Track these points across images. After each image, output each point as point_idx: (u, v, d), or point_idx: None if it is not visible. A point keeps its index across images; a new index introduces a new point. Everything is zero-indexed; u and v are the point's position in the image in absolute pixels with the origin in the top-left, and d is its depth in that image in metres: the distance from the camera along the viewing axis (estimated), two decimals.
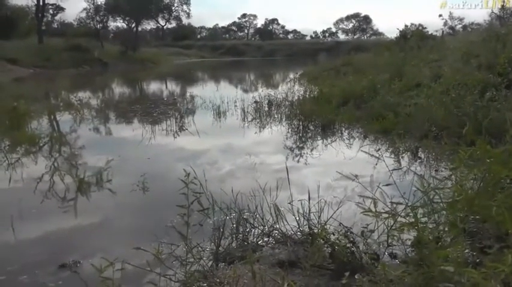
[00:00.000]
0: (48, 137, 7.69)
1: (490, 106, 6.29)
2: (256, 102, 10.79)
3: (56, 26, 56.25)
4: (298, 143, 7.27)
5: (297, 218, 3.44)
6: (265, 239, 3.37)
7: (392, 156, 6.12)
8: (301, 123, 8.53)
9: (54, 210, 4.39)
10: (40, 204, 4.52)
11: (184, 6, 61.86)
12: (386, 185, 3.07)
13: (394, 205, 2.75)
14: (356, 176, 3.43)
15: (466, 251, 2.66)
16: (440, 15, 46.61)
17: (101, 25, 47.03)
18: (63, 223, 4.12)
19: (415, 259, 2.60)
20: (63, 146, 7.31)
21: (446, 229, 2.87)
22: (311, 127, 8.32)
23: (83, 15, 47.09)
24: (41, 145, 7.13)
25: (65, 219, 4.19)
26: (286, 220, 3.45)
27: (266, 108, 10.33)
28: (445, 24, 44.79)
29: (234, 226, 3.49)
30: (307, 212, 3.39)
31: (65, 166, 5.96)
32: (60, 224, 4.09)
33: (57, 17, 58.13)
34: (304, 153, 6.59)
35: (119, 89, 20.21)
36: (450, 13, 47.80)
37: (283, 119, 9.28)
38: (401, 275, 2.36)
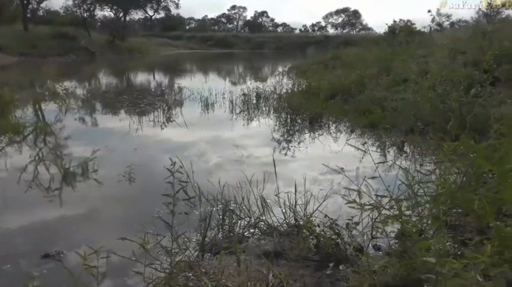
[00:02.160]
0: (33, 127, 7.58)
1: (474, 102, 6.38)
2: (244, 94, 10.76)
3: (41, 14, 55.12)
4: (285, 136, 7.29)
5: (283, 210, 3.47)
6: (251, 230, 3.39)
7: (379, 150, 6.18)
8: (289, 116, 8.55)
9: (38, 200, 4.34)
10: (24, 194, 4.47)
11: None
12: (372, 178, 3.10)
13: (379, 198, 2.79)
14: (342, 169, 3.46)
15: (448, 243, 2.71)
16: (429, 11, 46.94)
17: (87, 14, 46.25)
18: (47, 213, 4.08)
19: (399, 251, 2.65)
20: (48, 136, 7.21)
21: (429, 221, 2.92)
22: (299, 120, 8.34)
23: (70, 3, 46.28)
24: (26, 134, 7.03)
25: (49, 209, 4.15)
26: (272, 212, 3.47)
27: (254, 101, 10.32)
28: (433, 20, 45.04)
29: (221, 217, 3.49)
30: (294, 204, 3.42)
31: (50, 156, 5.90)
32: (44, 214, 4.05)
33: (42, 5, 56.83)
34: (291, 146, 6.62)
35: (105, 79, 19.96)
36: (438, 9, 48.07)
37: (271, 112, 9.29)
38: (384, 266, 2.40)
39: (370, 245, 3.02)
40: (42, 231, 3.73)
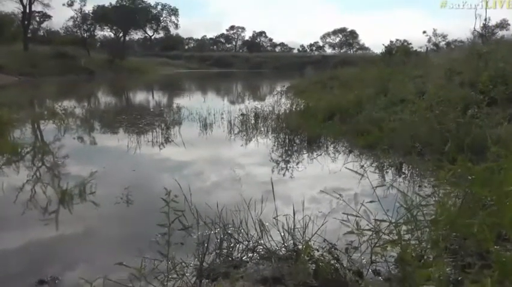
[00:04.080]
0: (31, 147, 7.59)
1: (472, 123, 6.41)
2: (242, 114, 10.81)
3: (42, 34, 55.73)
4: (284, 157, 7.29)
5: (282, 233, 3.44)
6: (249, 254, 3.35)
7: (377, 171, 6.18)
8: (287, 136, 8.56)
9: (34, 222, 4.30)
10: (21, 216, 4.44)
11: (173, 17, 62.24)
12: (370, 202, 3.09)
13: (378, 222, 2.77)
14: (340, 195, 3.45)
15: (448, 269, 2.69)
16: (424, 32, 47.60)
17: (88, 34, 46.81)
18: (43, 235, 4.04)
19: (398, 277, 2.62)
20: (46, 156, 7.21)
21: (429, 246, 2.90)
22: (297, 141, 8.35)
23: (70, 23, 46.91)
24: (23, 154, 7.03)
25: (45, 231, 4.11)
26: (270, 236, 3.44)
27: (252, 121, 10.36)
28: (429, 40, 45.72)
29: (219, 241, 3.46)
30: (292, 227, 3.40)
31: (48, 177, 5.89)
32: (40, 236, 4.01)
33: (43, 25, 57.68)
34: (289, 167, 6.61)
35: (104, 99, 20.06)
36: (434, 30, 48.82)
37: (270, 132, 9.31)
38: None
39: (370, 270, 2.99)
40: (37, 254, 3.68)
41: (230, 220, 3.76)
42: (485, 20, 32.08)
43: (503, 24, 43.97)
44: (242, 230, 3.60)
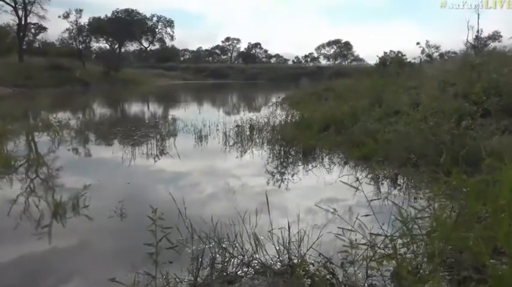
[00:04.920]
0: (25, 159, 7.53)
1: (466, 135, 6.44)
2: (238, 126, 10.81)
3: (37, 46, 55.78)
4: (279, 168, 7.27)
5: (277, 247, 3.41)
6: (244, 269, 3.32)
7: (372, 183, 6.17)
8: (282, 148, 8.56)
9: (28, 236, 4.25)
10: (14, 229, 4.39)
11: (168, 29, 62.38)
12: (365, 215, 3.07)
13: (373, 236, 2.76)
14: (335, 209, 3.44)
15: (444, 283, 2.67)
16: (417, 43, 48.07)
17: (83, 45, 46.86)
18: (36, 249, 3.99)
19: None
20: (40, 169, 7.15)
21: (425, 260, 2.88)
22: (292, 152, 8.35)
23: (66, 35, 46.92)
24: (17, 167, 6.97)
25: (38, 246, 4.05)
26: (265, 250, 3.41)
27: (248, 133, 10.35)
28: (423, 51, 46.18)
29: (213, 255, 3.43)
30: (287, 241, 3.37)
31: (41, 191, 5.83)
32: (33, 251, 3.96)
33: (39, 37, 57.76)
34: (285, 178, 6.59)
35: (100, 110, 20.00)
36: (427, 41, 49.36)
37: (265, 144, 9.30)
38: None
39: (366, 284, 2.96)
40: (31, 268, 3.63)
41: (225, 233, 3.74)
42: (478, 31, 32.56)
43: (495, 36, 44.54)
44: (237, 244, 3.57)
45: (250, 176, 6.84)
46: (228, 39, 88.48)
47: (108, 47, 54.47)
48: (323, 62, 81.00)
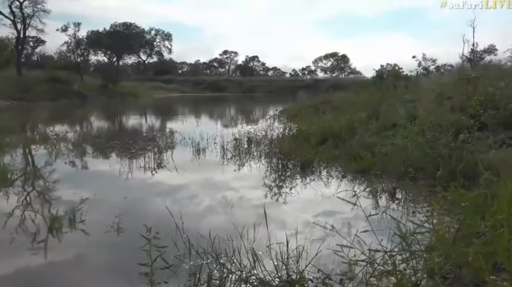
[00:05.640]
0: (22, 173, 7.49)
1: (463, 148, 6.44)
2: (235, 139, 10.80)
3: (35, 59, 55.96)
4: (277, 182, 7.25)
5: (275, 262, 3.38)
6: (242, 285, 3.29)
7: (370, 197, 6.15)
8: (280, 161, 8.54)
9: (23, 250, 4.21)
10: (9, 244, 4.34)
11: (166, 42, 62.70)
12: (364, 231, 3.05)
13: (372, 252, 2.73)
14: (332, 226, 3.42)
15: None
16: (414, 57, 48.38)
17: (81, 58, 47.02)
18: (31, 264, 3.95)
19: None
20: (37, 183, 7.11)
21: (424, 275, 2.86)
22: (290, 166, 8.33)
23: (64, 48, 47.03)
24: (13, 181, 6.93)
25: (33, 261, 4.01)
26: (263, 265, 3.38)
27: (245, 146, 10.35)
28: (419, 64, 46.47)
29: (211, 271, 3.39)
30: (286, 257, 3.34)
31: (38, 205, 5.79)
32: (28, 266, 3.92)
33: (37, 50, 58.02)
34: (283, 192, 6.57)
35: (97, 123, 20.00)
36: (423, 54, 49.75)
37: (263, 157, 9.28)
38: None
39: None
40: (25, 283, 3.59)
41: (223, 248, 3.70)
42: (473, 45, 32.90)
43: (490, 49, 44.96)
44: (235, 260, 3.54)
45: (248, 189, 6.81)
46: (225, 52, 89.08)
47: (106, 60, 54.70)
48: (320, 74, 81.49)
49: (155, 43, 62.20)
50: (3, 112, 23.55)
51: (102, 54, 53.62)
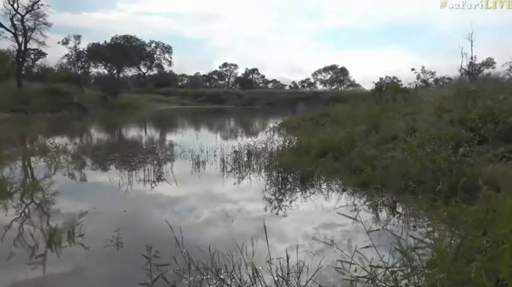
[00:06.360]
0: (21, 186, 7.46)
1: (463, 162, 6.44)
2: (235, 152, 10.80)
3: (36, 71, 56.13)
4: (277, 195, 7.22)
5: (275, 278, 3.35)
6: None
7: (371, 210, 6.13)
8: (280, 174, 8.52)
9: (22, 265, 4.18)
10: (7, 259, 4.31)
11: (166, 55, 62.97)
12: (365, 247, 3.03)
13: (373, 268, 2.71)
14: (332, 241, 3.40)
15: None
16: (412, 69, 48.48)
17: (82, 71, 47.18)
18: (30, 278, 3.92)
19: None
20: (36, 196, 7.08)
21: None
22: (290, 179, 8.31)
23: (64, 61, 47.19)
24: (12, 193, 6.90)
25: (32, 275, 3.98)
26: (264, 282, 3.35)
27: (245, 159, 10.34)
28: (418, 77, 46.58)
29: None
30: (286, 272, 3.32)
31: (37, 218, 5.76)
32: (26, 280, 3.88)
33: (38, 62, 58.16)
34: (283, 205, 6.54)
35: (97, 135, 20.00)
36: (422, 67, 49.91)
37: (262, 170, 9.27)
38: None
39: None
40: None
41: (222, 263, 3.68)
42: (472, 58, 33.13)
43: (489, 62, 45.14)
44: (235, 275, 3.51)
45: (247, 202, 6.79)
46: (225, 64, 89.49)
47: (106, 72, 54.89)
48: (319, 87, 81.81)
49: (155, 56, 62.47)
50: (2, 124, 23.57)
51: (103, 67, 53.85)
